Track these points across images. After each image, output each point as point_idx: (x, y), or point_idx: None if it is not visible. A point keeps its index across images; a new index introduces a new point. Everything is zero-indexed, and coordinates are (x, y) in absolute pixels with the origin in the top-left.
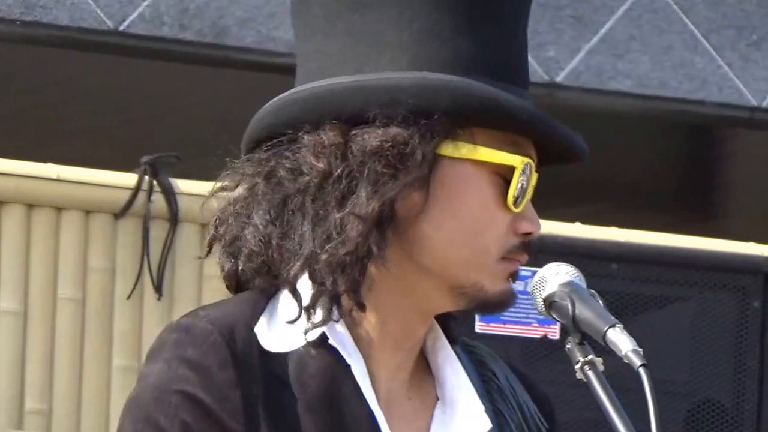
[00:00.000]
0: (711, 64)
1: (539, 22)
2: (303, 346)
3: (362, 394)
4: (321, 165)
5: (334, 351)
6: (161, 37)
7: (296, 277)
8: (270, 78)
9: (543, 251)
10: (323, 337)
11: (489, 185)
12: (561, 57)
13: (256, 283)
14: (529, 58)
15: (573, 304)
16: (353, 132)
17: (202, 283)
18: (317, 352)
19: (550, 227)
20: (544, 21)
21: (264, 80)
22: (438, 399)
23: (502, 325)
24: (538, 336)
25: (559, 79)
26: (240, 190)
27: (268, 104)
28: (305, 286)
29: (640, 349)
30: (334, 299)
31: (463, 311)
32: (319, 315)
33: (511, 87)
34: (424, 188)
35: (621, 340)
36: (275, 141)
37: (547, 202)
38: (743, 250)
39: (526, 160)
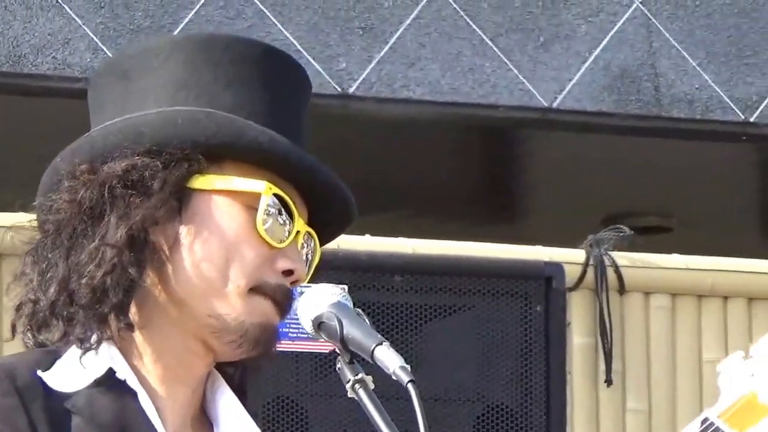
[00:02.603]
0: (500, 68)
1: (329, 35)
2: (91, 383)
3: (150, 421)
4: (71, 197)
5: (121, 384)
6: None
7: (54, 303)
8: (67, 103)
9: (325, 267)
10: (110, 372)
11: (240, 216)
12: (352, 68)
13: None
14: (321, 71)
15: (341, 325)
16: (103, 166)
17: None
18: (105, 386)
19: (335, 240)
20: (334, 34)
21: (61, 106)
22: None
23: (291, 342)
24: (327, 351)
25: (351, 90)
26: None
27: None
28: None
29: (408, 366)
30: (100, 321)
31: (246, 361)
32: (89, 337)
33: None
34: (176, 219)
35: (389, 358)
36: (47, 193)
37: None
38: (527, 256)
39: (274, 189)
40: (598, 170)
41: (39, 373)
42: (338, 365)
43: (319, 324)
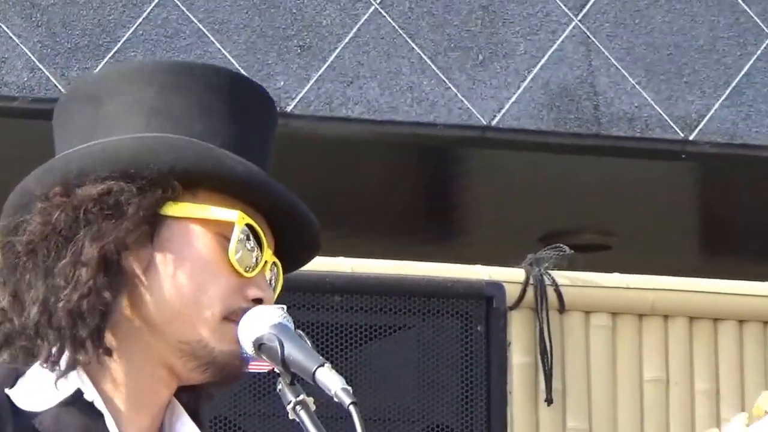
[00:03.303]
0: (439, 86)
1: (267, 54)
2: (59, 403)
3: None
4: (44, 218)
5: (87, 406)
6: None
7: (37, 324)
8: (5, 122)
9: None
10: (78, 393)
11: (212, 244)
12: (291, 87)
13: (11, 351)
14: None
15: (282, 346)
16: (78, 189)
17: None
18: (73, 407)
19: None
20: (272, 52)
21: None
22: None
23: None
24: (265, 370)
25: (289, 108)
26: None
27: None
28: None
29: (349, 387)
30: (77, 345)
31: (207, 386)
32: (65, 361)
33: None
34: (148, 244)
35: (330, 379)
36: (15, 214)
37: None
38: (467, 275)
39: (247, 219)
40: (538, 189)
41: (7, 391)
42: (279, 386)
43: (259, 345)
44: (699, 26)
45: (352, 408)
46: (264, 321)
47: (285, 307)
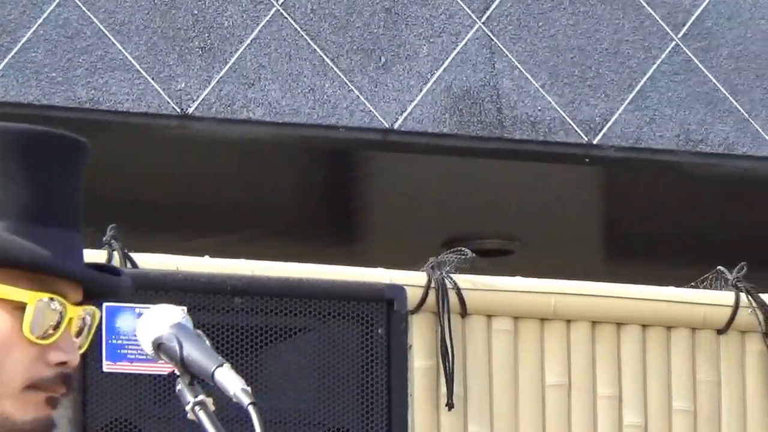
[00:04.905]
0: (341, 88)
1: (168, 55)
2: None
3: None
4: None
5: None
6: None
7: None
8: None
9: (165, 288)
10: None
11: (8, 319)
12: (192, 88)
13: None
14: (160, 91)
15: (181, 346)
16: None
17: None
18: None
19: (174, 262)
20: (173, 53)
21: None
22: None
23: (129, 364)
24: (166, 372)
25: (190, 110)
26: None
27: None
28: None
29: (248, 388)
30: None
31: None
32: None
33: (55, 230)
34: None
35: (229, 380)
36: None
37: (180, 234)
38: (368, 278)
39: (41, 295)
40: (440, 192)
41: None
42: (178, 387)
43: (158, 345)
44: (603, 29)
45: (251, 408)
46: (164, 321)
47: (185, 308)
